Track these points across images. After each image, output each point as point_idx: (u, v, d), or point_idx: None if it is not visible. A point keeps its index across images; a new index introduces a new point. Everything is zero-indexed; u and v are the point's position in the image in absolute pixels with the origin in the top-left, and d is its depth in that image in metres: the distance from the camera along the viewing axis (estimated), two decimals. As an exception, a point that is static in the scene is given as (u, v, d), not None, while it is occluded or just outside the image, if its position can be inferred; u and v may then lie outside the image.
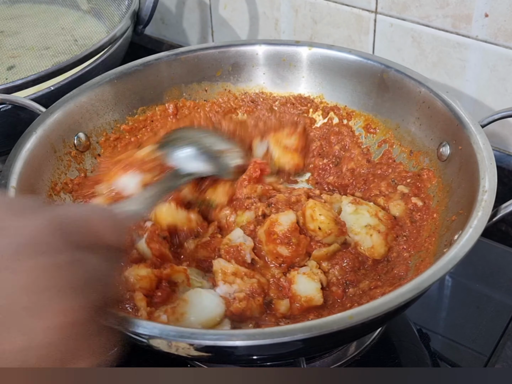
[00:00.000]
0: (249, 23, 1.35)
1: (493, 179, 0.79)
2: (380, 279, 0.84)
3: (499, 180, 0.80)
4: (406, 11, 1.12)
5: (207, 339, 0.64)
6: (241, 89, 1.10)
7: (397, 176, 0.97)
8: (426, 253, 0.85)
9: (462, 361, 0.89)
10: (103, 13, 1.28)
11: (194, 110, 1.09)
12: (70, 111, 0.97)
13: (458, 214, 0.83)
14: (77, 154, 0.98)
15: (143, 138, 1.05)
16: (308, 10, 1.24)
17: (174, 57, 1.07)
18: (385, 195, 0.94)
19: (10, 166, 0.86)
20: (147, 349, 0.71)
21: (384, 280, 0.84)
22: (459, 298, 0.98)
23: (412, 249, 0.87)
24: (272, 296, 0.82)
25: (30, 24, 1.29)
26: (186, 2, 1.44)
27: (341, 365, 0.87)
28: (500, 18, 1.02)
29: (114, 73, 1.03)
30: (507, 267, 1.03)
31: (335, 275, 0.84)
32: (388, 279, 0.84)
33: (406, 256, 0.86)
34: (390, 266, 0.86)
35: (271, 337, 0.63)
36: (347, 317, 0.64)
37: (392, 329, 0.92)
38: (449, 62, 1.11)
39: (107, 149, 1.01)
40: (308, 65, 1.07)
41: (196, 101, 1.09)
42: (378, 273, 0.86)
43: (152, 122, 1.06)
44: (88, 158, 0.99)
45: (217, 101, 1.10)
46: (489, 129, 0.92)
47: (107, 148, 1.02)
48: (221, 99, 1.10)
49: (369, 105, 1.04)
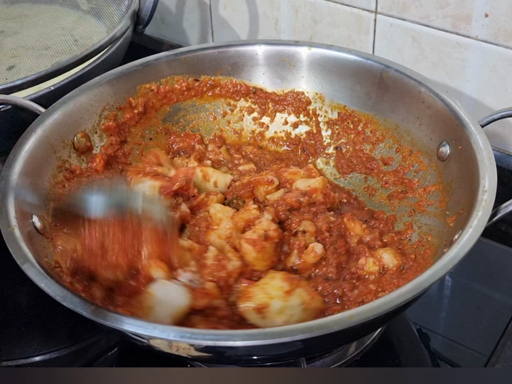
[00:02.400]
0: (249, 23, 1.35)
1: (493, 179, 0.79)
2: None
3: (499, 180, 0.80)
4: (406, 11, 1.12)
5: (208, 339, 0.64)
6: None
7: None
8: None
9: (462, 361, 0.89)
10: (103, 13, 1.28)
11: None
12: (69, 112, 0.97)
13: (458, 214, 0.83)
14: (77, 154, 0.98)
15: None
16: (308, 10, 1.24)
17: (174, 57, 1.07)
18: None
19: (10, 166, 0.86)
20: (147, 349, 0.71)
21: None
22: (459, 298, 0.98)
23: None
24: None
25: (30, 24, 1.29)
26: (186, 2, 1.44)
27: (341, 365, 0.87)
28: (500, 18, 1.02)
29: (114, 73, 1.03)
30: (507, 267, 1.03)
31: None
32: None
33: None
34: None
35: (271, 337, 0.63)
36: (348, 317, 0.64)
37: (392, 329, 0.92)
38: (449, 62, 1.11)
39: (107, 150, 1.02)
40: (307, 65, 1.07)
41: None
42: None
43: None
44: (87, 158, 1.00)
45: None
46: (489, 129, 0.92)
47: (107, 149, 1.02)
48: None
49: (368, 105, 1.04)
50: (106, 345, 0.92)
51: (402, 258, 0.87)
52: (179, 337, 0.64)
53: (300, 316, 0.77)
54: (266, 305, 0.77)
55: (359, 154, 1.05)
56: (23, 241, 0.76)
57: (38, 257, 0.75)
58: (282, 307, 0.77)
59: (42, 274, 0.72)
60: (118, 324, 0.66)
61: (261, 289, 0.79)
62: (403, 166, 0.99)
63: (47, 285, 0.71)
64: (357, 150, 1.05)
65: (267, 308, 0.77)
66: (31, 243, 0.78)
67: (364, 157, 1.04)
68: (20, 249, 0.75)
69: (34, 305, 0.99)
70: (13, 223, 0.78)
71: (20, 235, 0.77)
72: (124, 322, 0.66)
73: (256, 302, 0.78)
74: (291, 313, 0.77)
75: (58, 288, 0.70)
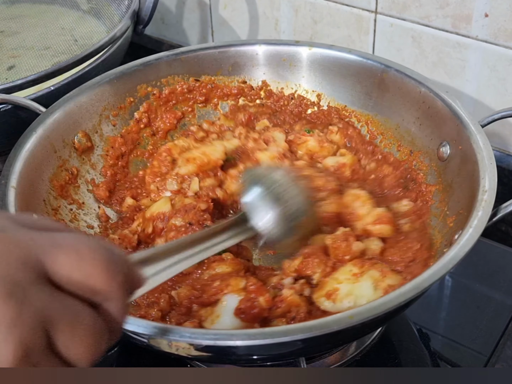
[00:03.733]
0: (249, 23, 1.35)
1: (493, 179, 0.79)
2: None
3: (499, 180, 0.80)
4: (406, 11, 1.12)
5: (207, 338, 0.64)
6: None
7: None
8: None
9: (462, 361, 0.89)
10: (103, 13, 1.28)
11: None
12: (70, 111, 0.97)
13: (458, 214, 0.83)
14: (77, 154, 0.98)
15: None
16: (308, 10, 1.24)
17: (174, 57, 1.07)
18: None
19: (10, 166, 0.86)
20: (147, 349, 0.71)
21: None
22: (459, 298, 0.98)
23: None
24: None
25: (30, 24, 1.29)
26: (186, 2, 1.44)
27: (341, 365, 0.87)
28: (500, 18, 1.02)
29: (114, 73, 1.03)
30: (507, 267, 1.03)
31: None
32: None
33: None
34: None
35: (271, 337, 0.63)
36: (347, 317, 0.64)
37: (392, 329, 0.92)
38: (449, 62, 1.11)
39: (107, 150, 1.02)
40: (308, 65, 1.07)
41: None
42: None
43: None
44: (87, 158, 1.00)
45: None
46: (489, 129, 0.92)
47: (107, 149, 1.02)
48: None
49: (369, 105, 1.04)
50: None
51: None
52: (179, 337, 0.64)
53: (373, 297, 0.77)
54: (336, 290, 0.79)
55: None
56: (23, 241, 0.76)
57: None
58: (351, 290, 0.78)
59: (42, 274, 0.72)
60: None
61: (331, 278, 0.81)
62: (403, 166, 0.99)
63: (47, 285, 0.71)
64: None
65: (336, 292, 0.79)
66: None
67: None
68: (20, 249, 0.75)
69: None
70: (13, 223, 0.78)
71: (20, 235, 0.77)
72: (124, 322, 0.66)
73: (326, 288, 0.79)
74: (361, 295, 0.78)
75: (58, 288, 0.70)
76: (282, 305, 0.77)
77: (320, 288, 0.81)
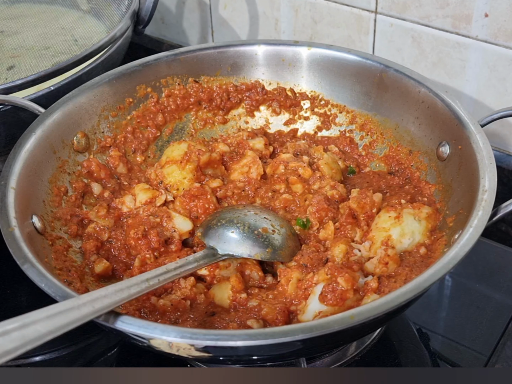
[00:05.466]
0: (249, 23, 1.35)
1: (493, 179, 0.79)
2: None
3: (499, 180, 0.80)
4: (406, 11, 1.12)
5: (208, 339, 0.64)
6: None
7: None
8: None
9: (462, 361, 0.89)
10: (103, 13, 1.28)
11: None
12: (69, 112, 0.97)
13: (458, 214, 0.83)
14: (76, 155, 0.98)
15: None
16: (308, 10, 1.24)
17: (173, 57, 1.07)
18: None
19: (10, 166, 0.86)
20: (147, 349, 0.71)
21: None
22: (459, 298, 0.98)
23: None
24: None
25: (30, 24, 1.29)
26: (186, 2, 1.44)
27: (341, 365, 0.87)
28: (500, 18, 1.02)
29: (114, 73, 1.03)
30: (507, 267, 1.03)
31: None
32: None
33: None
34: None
35: (272, 337, 0.63)
36: (348, 317, 0.64)
37: (392, 329, 0.92)
38: (449, 62, 1.11)
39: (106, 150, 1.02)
40: (307, 65, 1.07)
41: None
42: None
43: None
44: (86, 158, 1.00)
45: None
46: (489, 129, 0.92)
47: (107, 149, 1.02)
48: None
49: (368, 105, 1.04)
50: (106, 345, 0.92)
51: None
52: (180, 337, 0.64)
53: (422, 228, 0.85)
54: (388, 237, 0.84)
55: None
56: (23, 241, 0.76)
57: (38, 258, 0.75)
58: (401, 230, 0.84)
59: (42, 274, 0.72)
60: (118, 324, 0.66)
61: (375, 229, 0.86)
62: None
63: (47, 285, 0.71)
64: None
65: (391, 237, 0.84)
66: (31, 244, 0.78)
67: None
68: (20, 249, 0.75)
69: (34, 305, 0.99)
70: (13, 223, 0.78)
71: (20, 235, 0.77)
72: (125, 323, 0.66)
73: (378, 240, 0.85)
74: (412, 230, 0.84)
75: (59, 288, 0.70)
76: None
77: (373, 243, 0.85)
